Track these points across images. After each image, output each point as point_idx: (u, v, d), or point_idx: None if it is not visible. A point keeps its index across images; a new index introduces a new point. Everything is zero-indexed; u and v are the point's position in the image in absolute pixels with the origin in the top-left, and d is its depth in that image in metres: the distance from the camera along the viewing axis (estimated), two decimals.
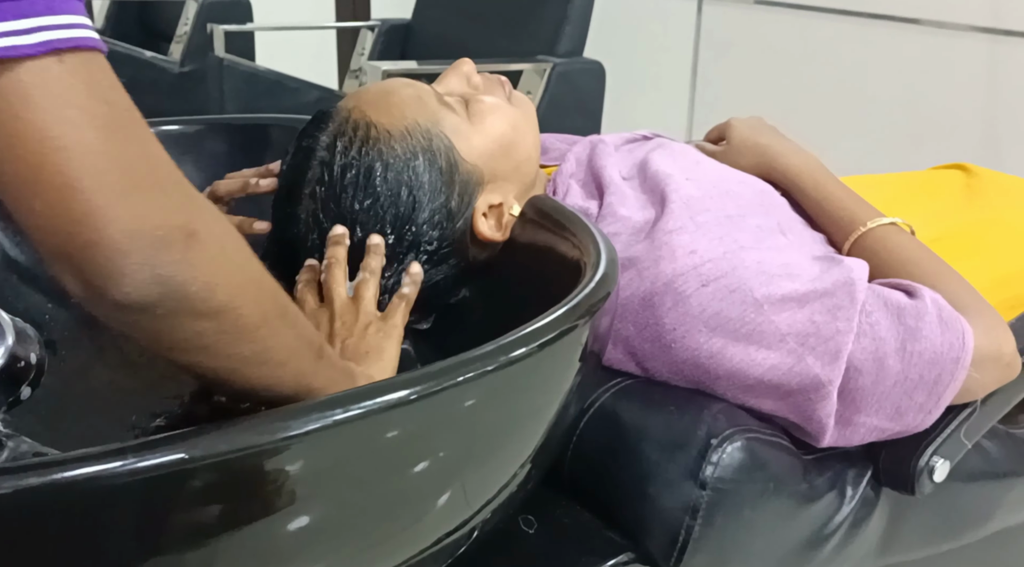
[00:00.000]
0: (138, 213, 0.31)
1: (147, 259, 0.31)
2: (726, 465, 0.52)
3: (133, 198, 0.31)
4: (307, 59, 2.17)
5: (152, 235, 0.31)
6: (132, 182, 0.31)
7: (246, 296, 0.35)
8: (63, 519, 0.30)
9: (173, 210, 0.32)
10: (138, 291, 0.31)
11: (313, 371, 0.40)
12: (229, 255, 0.34)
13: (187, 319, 0.33)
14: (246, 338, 0.36)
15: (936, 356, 0.55)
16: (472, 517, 0.42)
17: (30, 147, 0.30)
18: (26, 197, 0.30)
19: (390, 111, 0.58)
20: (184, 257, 0.32)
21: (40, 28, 0.30)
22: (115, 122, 0.31)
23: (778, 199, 0.67)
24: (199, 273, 0.33)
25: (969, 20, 1.63)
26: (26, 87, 0.30)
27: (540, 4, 1.61)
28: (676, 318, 0.55)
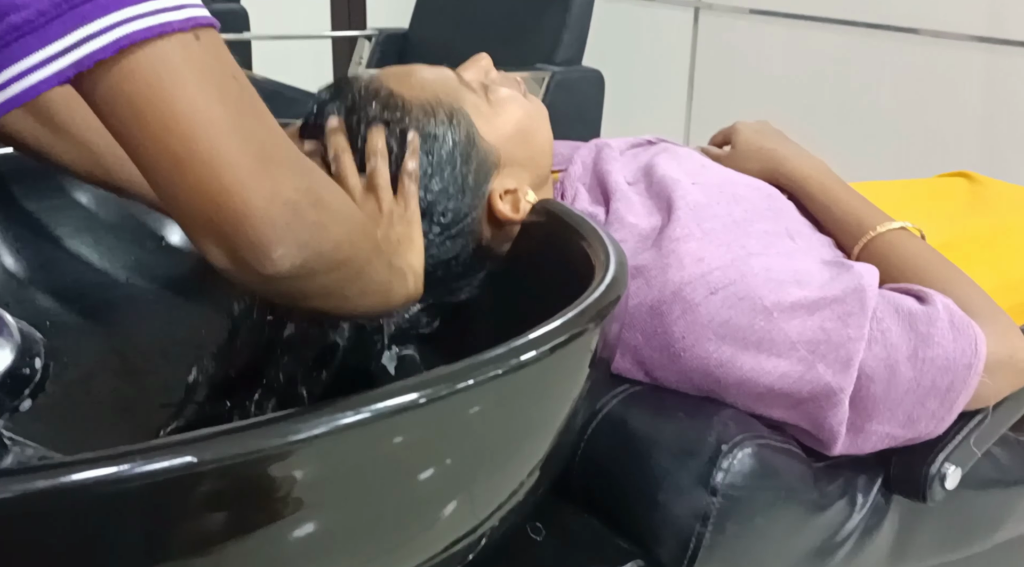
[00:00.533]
0: (275, 182, 0.32)
1: (289, 225, 0.33)
2: (737, 472, 0.51)
3: (269, 168, 0.32)
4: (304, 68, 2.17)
5: (291, 203, 0.33)
6: (267, 154, 0.32)
7: (359, 245, 0.37)
8: (70, 523, 0.30)
9: (300, 176, 0.34)
10: (285, 258, 0.33)
11: (391, 285, 0.43)
12: (344, 210, 0.36)
13: (318, 276, 0.35)
14: (358, 278, 0.39)
15: (949, 362, 0.54)
16: (481, 524, 0.41)
17: (181, 122, 0.31)
18: (175, 173, 0.31)
19: (411, 84, 0.58)
20: (318, 220, 0.34)
21: (185, 5, 0.31)
22: (245, 97, 0.33)
23: (785, 203, 0.67)
24: (330, 232, 0.35)
25: (967, 30, 1.65)
26: (176, 62, 0.31)
27: (538, 13, 1.62)
28: (685, 327, 0.55)
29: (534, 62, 1.57)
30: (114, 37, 0.29)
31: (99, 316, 0.67)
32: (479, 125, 0.58)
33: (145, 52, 0.30)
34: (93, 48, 0.29)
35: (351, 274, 0.38)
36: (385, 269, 0.43)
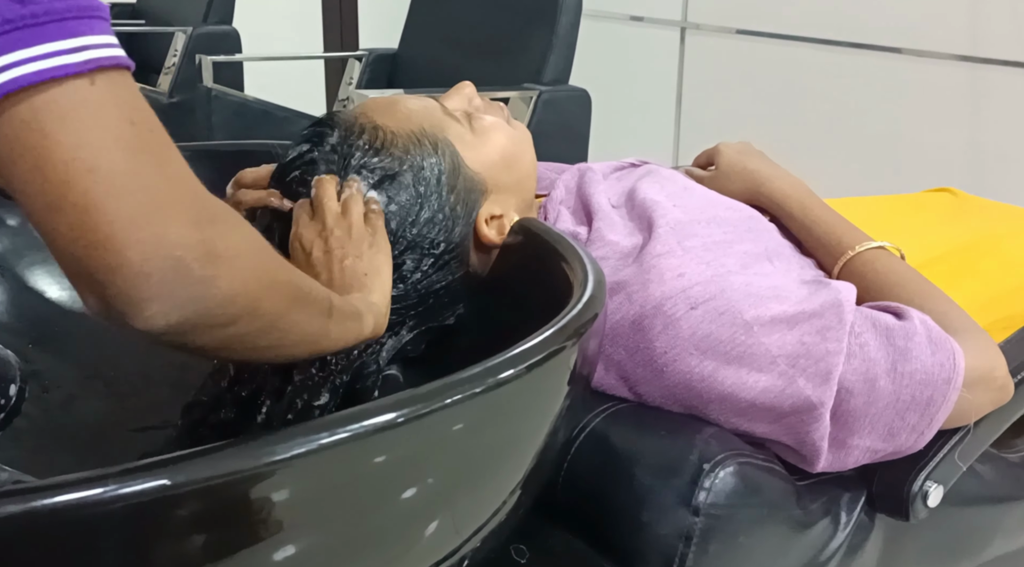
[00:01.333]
0: (158, 236, 0.31)
1: (167, 283, 0.31)
2: (719, 490, 0.51)
3: (154, 221, 0.31)
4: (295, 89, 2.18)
5: (172, 258, 0.31)
6: (154, 204, 0.31)
7: (264, 298, 0.35)
8: (43, 549, 0.29)
9: (193, 230, 0.32)
10: (159, 316, 0.31)
11: (326, 333, 0.41)
12: (248, 263, 0.35)
13: (207, 330, 0.34)
14: (265, 333, 0.36)
15: (927, 377, 0.55)
16: (462, 545, 0.41)
17: (59, 167, 0.30)
18: (52, 218, 0.30)
19: (396, 116, 0.59)
20: (204, 276, 0.32)
21: (86, 47, 0.30)
22: (139, 142, 0.31)
23: (766, 224, 0.67)
24: (219, 289, 0.33)
25: (949, 49, 1.67)
26: (63, 107, 0.30)
27: (525, 33, 1.63)
28: (667, 341, 0.55)
29: (521, 81, 1.58)
30: (1, 81, 0.29)
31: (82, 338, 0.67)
32: (464, 154, 0.59)
33: (31, 96, 0.29)
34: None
35: (254, 329, 0.35)
36: (315, 319, 0.40)
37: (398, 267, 0.56)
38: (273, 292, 0.36)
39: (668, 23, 2.12)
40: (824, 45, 1.84)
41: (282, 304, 0.37)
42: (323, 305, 0.41)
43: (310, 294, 0.40)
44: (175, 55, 2.07)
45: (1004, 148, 1.64)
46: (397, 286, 0.56)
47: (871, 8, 1.76)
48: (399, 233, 0.56)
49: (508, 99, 1.54)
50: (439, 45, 1.82)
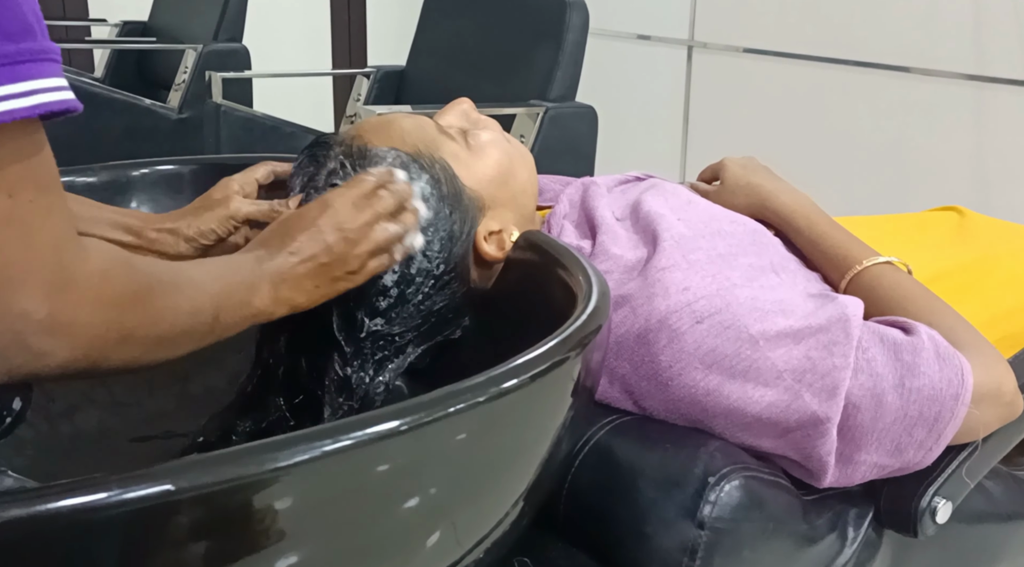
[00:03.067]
0: (4, 308, 0.32)
1: (4, 351, 0.33)
2: (724, 504, 0.51)
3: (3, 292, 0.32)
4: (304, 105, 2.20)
5: (12, 331, 0.33)
6: (6, 276, 0.32)
7: (114, 353, 0.36)
8: (47, 552, 0.29)
9: (41, 301, 0.33)
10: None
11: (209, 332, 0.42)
12: (96, 329, 0.35)
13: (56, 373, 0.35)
14: (127, 362, 0.38)
15: (935, 392, 0.54)
16: (464, 556, 0.41)
17: None
18: None
19: (391, 137, 0.59)
20: (40, 350, 0.34)
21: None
22: (12, 214, 0.32)
23: (771, 238, 0.67)
24: (56, 358, 0.34)
25: (956, 68, 1.68)
26: None
27: (532, 50, 1.65)
28: (671, 355, 0.55)
29: (528, 98, 1.59)
30: None
31: None
32: (459, 172, 0.60)
33: None
34: None
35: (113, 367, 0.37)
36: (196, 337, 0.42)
37: (400, 290, 0.56)
38: (127, 345, 0.37)
39: (675, 42, 2.13)
40: (831, 64, 1.85)
41: (138, 350, 0.38)
42: (203, 322, 0.42)
43: (182, 327, 0.41)
44: (185, 71, 2.09)
45: (1010, 167, 1.64)
46: (401, 307, 0.56)
47: (877, 28, 1.77)
48: None
49: (515, 116, 1.55)
50: (446, 62, 1.83)
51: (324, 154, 0.59)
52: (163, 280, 0.40)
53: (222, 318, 0.43)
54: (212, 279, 0.43)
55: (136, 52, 2.39)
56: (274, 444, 0.32)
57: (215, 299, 0.43)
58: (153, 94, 2.13)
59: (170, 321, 0.39)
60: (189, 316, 0.41)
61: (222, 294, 0.43)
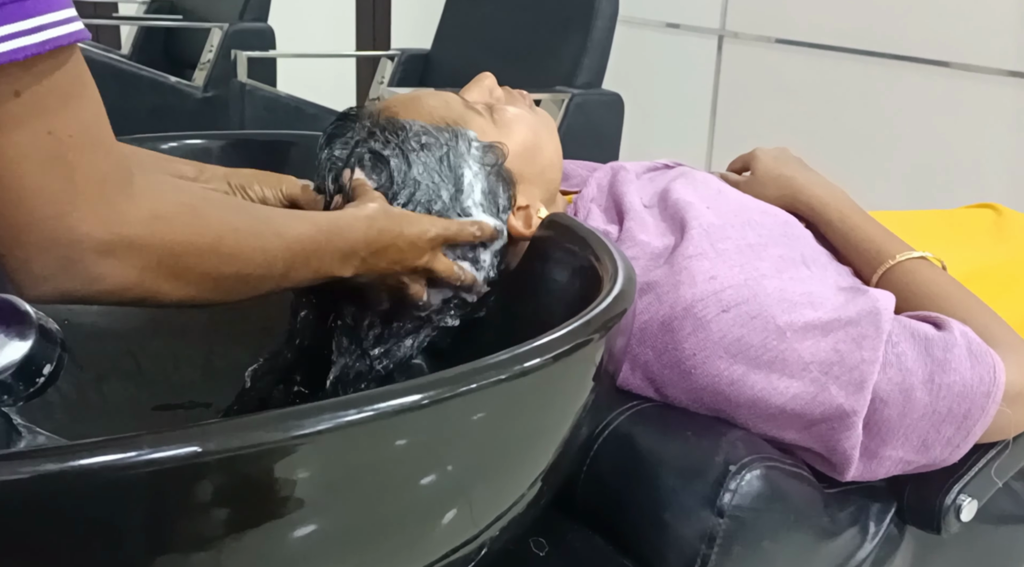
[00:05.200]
0: (55, 235, 0.33)
1: (56, 274, 0.34)
2: (745, 493, 0.50)
3: (58, 222, 0.33)
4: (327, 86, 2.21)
5: (64, 258, 0.34)
6: (58, 207, 0.33)
7: (167, 285, 0.37)
8: (77, 507, 0.30)
9: (94, 227, 0.34)
10: (46, 295, 0.34)
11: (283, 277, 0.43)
12: (148, 259, 0.36)
13: (117, 298, 0.36)
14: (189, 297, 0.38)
15: (966, 389, 0.53)
16: (481, 533, 0.41)
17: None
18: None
19: (419, 112, 0.59)
20: (92, 275, 0.34)
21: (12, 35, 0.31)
22: (57, 150, 0.33)
23: (802, 230, 0.66)
24: (106, 284, 0.35)
25: (998, 64, 1.64)
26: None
27: (559, 37, 1.63)
28: (696, 343, 0.54)
29: (554, 84, 1.58)
30: None
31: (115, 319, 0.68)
32: None
33: None
34: None
35: (174, 300, 0.38)
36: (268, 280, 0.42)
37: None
38: (181, 282, 0.38)
39: (705, 31, 2.11)
40: (867, 57, 1.81)
41: (194, 290, 0.38)
42: (273, 274, 0.42)
43: (249, 275, 0.41)
44: (211, 50, 2.10)
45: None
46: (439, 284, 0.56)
47: (917, 21, 1.73)
48: None
49: (540, 101, 1.54)
50: (472, 46, 1.82)
51: (352, 125, 0.58)
52: (239, 228, 0.40)
53: (291, 275, 0.43)
54: (305, 235, 0.44)
55: (163, 30, 2.40)
56: (298, 412, 0.32)
57: (294, 255, 0.43)
58: (179, 72, 2.15)
59: (236, 268, 0.40)
60: (259, 267, 0.41)
61: (306, 251, 0.44)
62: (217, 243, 0.39)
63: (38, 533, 0.30)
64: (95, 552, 0.31)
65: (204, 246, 0.38)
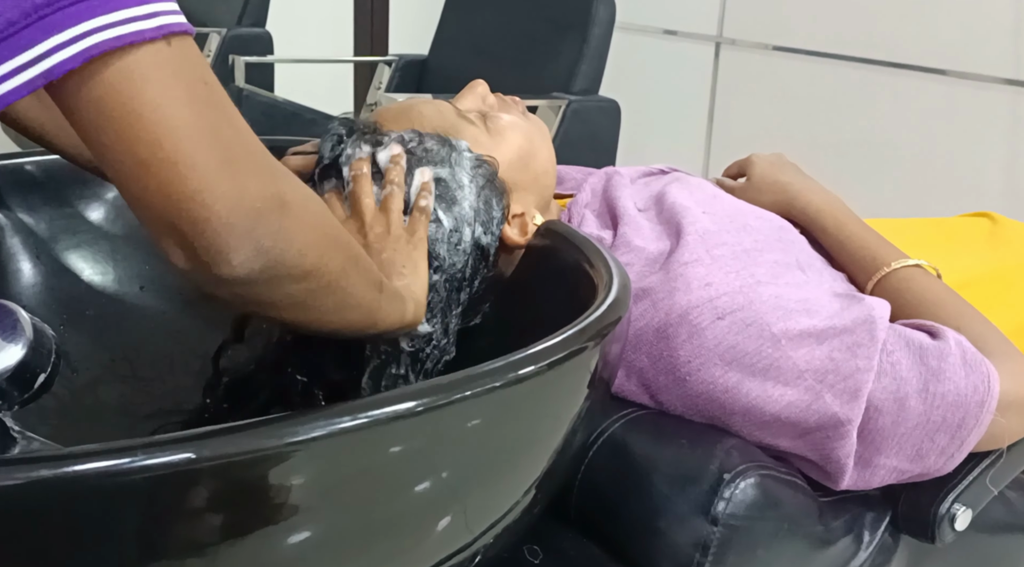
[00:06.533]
0: (240, 188, 0.32)
1: (250, 232, 0.33)
2: (739, 501, 0.50)
3: (234, 173, 0.32)
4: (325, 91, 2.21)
5: (252, 208, 0.33)
6: (233, 157, 0.33)
7: (330, 255, 0.37)
8: (70, 514, 0.30)
9: (267, 182, 0.34)
10: (244, 264, 0.33)
11: (379, 305, 0.42)
12: (314, 218, 0.36)
13: (283, 283, 0.35)
14: (329, 292, 0.38)
15: (960, 398, 0.53)
16: (475, 541, 0.41)
17: (147, 126, 0.31)
18: (140, 176, 0.32)
19: (410, 123, 0.59)
20: (281, 226, 0.34)
21: (157, 13, 0.31)
22: (214, 100, 0.33)
23: (797, 236, 0.66)
24: (293, 240, 0.34)
25: (994, 71, 1.64)
26: (145, 69, 0.31)
27: (556, 43, 1.64)
28: (691, 350, 0.54)
29: (551, 91, 1.59)
30: (83, 47, 0.30)
31: (110, 323, 0.68)
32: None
33: (114, 60, 0.30)
34: (62, 58, 0.30)
35: (322, 285, 0.37)
36: (369, 288, 0.42)
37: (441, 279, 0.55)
38: (337, 248, 0.38)
39: (703, 38, 2.11)
40: (864, 64, 1.82)
41: (345, 262, 0.38)
42: (375, 275, 0.43)
43: (365, 259, 0.41)
44: (209, 55, 2.10)
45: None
46: (434, 296, 0.55)
47: (914, 29, 1.74)
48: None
49: (536, 108, 1.54)
50: (469, 52, 1.83)
51: (342, 139, 0.58)
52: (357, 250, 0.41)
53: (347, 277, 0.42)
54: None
55: None
56: (293, 419, 0.32)
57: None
58: None
59: (355, 245, 0.40)
60: (364, 254, 0.41)
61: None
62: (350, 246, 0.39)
63: (32, 539, 0.30)
64: (89, 558, 0.31)
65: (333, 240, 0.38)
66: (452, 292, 0.56)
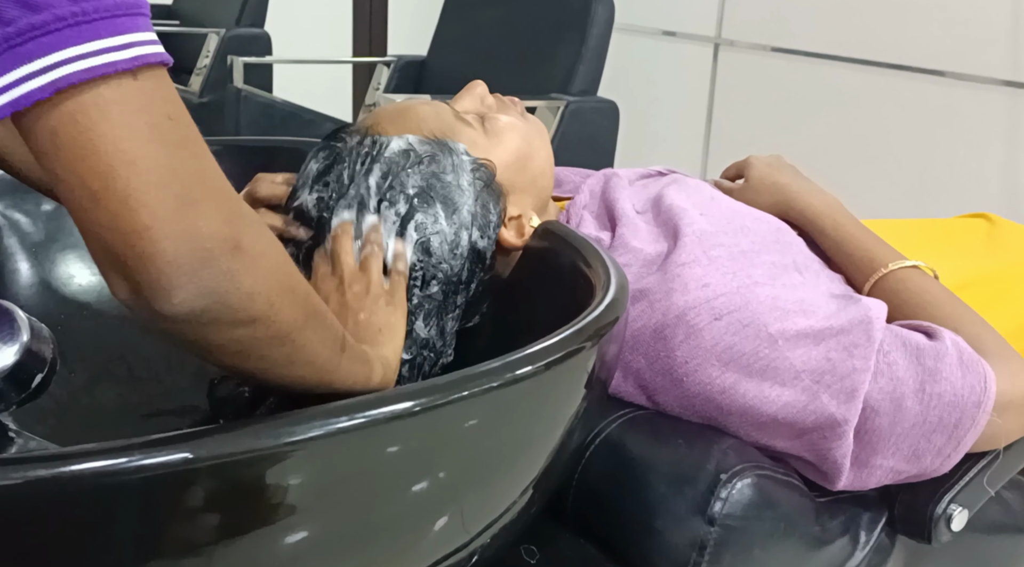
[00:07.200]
0: (191, 227, 0.32)
1: (195, 272, 0.32)
2: (735, 502, 0.50)
3: (188, 212, 0.32)
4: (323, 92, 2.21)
5: (202, 247, 0.32)
6: (189, 196, 0.32)
7: (282, 304, 0.36)
8: (67, 514, 0.30)
9: (222, 223, 0.33)
10: (185, 303, 0.32)
11: (336, 366, 0.41)
12: (268, 264, 0.35)
13: (225, 327, 0.34)
14: (278, 343, 0.36)
15: (956, 399, 0.53)
16: (471, 541, 0.41)
17: (102, 160, 0.30)
18: (91, 208, 0.31)
19: (408, 125, 0.59)
20: (228, 269, 0.33)
21: (132, 44, 0.31)
22: (177, 136, 0.32)
23: (794, 238, 0.66)
24: (241, 284, 0.33)
25: (992, 73, 1.65)
26: (107, 102, 0.31)
27: (555, 44, 1.64)
28: (688, 351, 0.54)
29: (549, 91, 1.59)
30: (53, 78, 0.29)
31: (108, 323, 0.68)
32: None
33: (77, 92, 0.30)
34: (31, 88, 0.29)
35: (269, 334, 0.36)
36: (326, 346, 0.40)
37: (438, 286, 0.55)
38: (291, 300, 0.36)
39: (702, 39, 2.11)
40: (862, 66, 1.82)
41: (298, 315, 0.37)
42: (337, 333, 0.41)
43: (326, 317, 0.40)
44: (207, 56, 2.10)
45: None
46: (430, 299, 0.55)
47: (912, 30, 1.74)
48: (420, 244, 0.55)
49: (535, 109, 1.54)
50: (468, 53, 1.83)
51: (341, 146, 0.58)
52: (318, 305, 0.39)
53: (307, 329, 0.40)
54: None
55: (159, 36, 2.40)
56: (290, 419, 0.32)
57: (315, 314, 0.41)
58: (175, 78, 2.13)
59: (315, 300, 0.39)
60: (325, 312, 0.40)
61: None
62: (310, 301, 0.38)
63: (29, 539, 0.30)
64: (86, 558, 0.31)
65: (288, 256, 0.37)
66: (448, 296, 0.56)
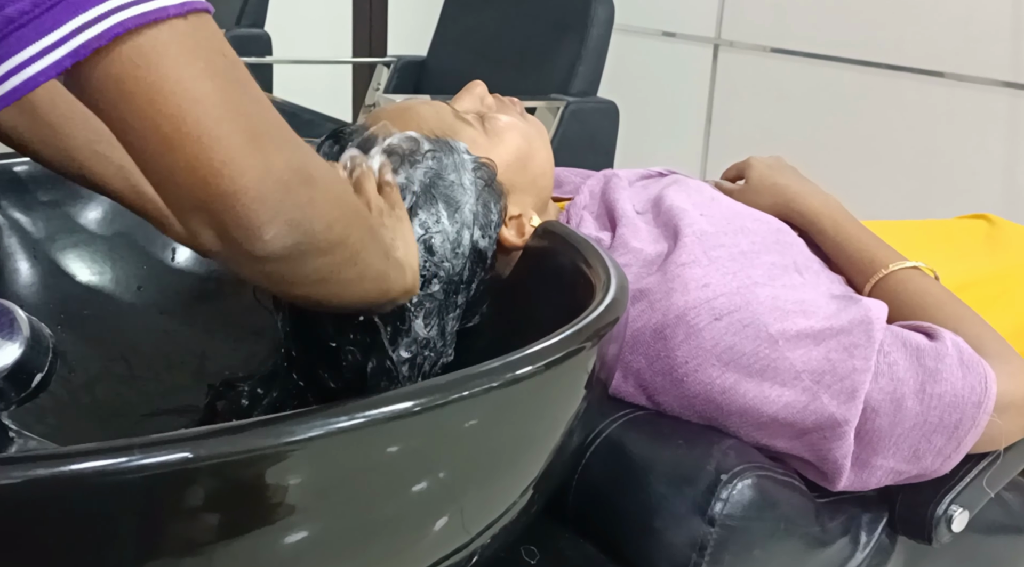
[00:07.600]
0: (266, 160, 0.31)
1: (280, 205, 0.32)
2: (736, 502, 0.50)
3: (260, 146, 0.31)
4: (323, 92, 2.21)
5: (281, 180, 0.32)
6: (257, 130, 0.32)
7: (352, 226, 0.36)
8: (67, 513, 0.30)
9: (292, 155, 0.33)
10: (276, 239, 0.32)
11: (387, 274, 0.42)
12: (336, 190, 0.35)
13: (312, 257, 0.34)
14: (351, 263, 0.37)
15: (957, 399, 0.53)
16: (471, 541, 0.41)
17: (170, 100, 0.30)
18: (165, 153, 0.31)
19: (408, 125, 0.59)
20: (309, 199, 0.33)
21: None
22: (235, 75, 0.32)
23: (794, 238, 0.66)
24: (321, 213, 0.34)
25: (992, 74, 1.65)
26: (164, 44, 0.30)
27: (555, 44, 1.64)
28: (688, 351, 0.54)
29: (549, 92, 1.59)
30: (109, 25, 0.29)
31: (108, 322, 0.68)
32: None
33: (133, 38, 0.30)
34: (89, 37, 0.29)
35: (346, 257, 0.36)
36: (382, 257, 0.41)
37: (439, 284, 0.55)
38: (358, 221, 0.37)
39: (701, 40, 2.11)
40: (862, 66, 1.82)
41: (364, 234, 0.38)
42: (386, 244, 0.42)
43: (377, 230, 0.41)
44: None
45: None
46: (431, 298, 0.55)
47: (912, 31, 1.74)
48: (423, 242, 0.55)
49: (535, 109, 1.54)
50: (467, 53, 1.83)
51: (341, 145, 0.58)
52: None
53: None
54: None
55: None
56: (290, 419, 0.32)
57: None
58: None
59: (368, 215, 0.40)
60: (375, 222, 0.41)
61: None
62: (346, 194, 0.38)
63: (29, 538, 0.30)
64: (86, 557, 0.31)
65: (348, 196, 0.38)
66: (450, 296, 0.56)
